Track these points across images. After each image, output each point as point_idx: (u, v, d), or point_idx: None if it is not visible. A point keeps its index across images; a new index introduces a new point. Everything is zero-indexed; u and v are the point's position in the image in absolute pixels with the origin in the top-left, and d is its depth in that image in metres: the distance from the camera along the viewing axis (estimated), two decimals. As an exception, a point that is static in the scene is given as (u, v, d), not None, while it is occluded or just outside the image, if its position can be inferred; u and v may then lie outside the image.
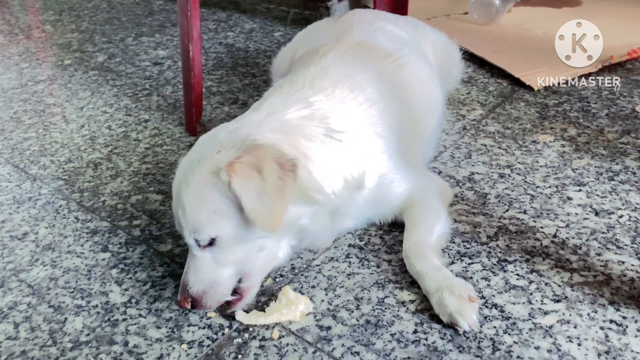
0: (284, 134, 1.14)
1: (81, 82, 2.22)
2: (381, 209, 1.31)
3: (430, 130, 1.52)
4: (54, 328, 1.14)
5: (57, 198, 1.54)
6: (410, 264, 1.18)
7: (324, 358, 1.04)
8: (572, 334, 1.05)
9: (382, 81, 1.36)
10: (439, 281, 1.12)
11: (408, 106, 1.41)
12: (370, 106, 1.28)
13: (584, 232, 1.30)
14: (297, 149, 1.13)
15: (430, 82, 1.57)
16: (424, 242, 1.22)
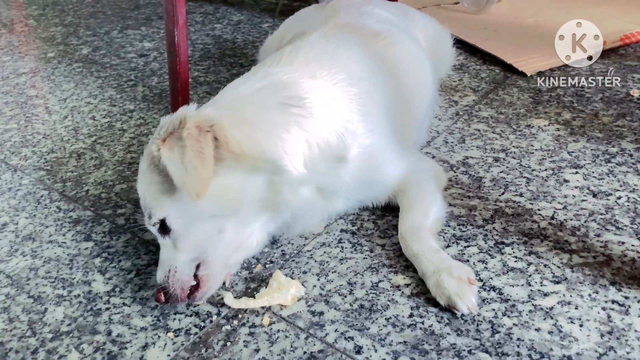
0: (231, 109, 1.09)
1: (65, 74, 2.17)
2: (373, 189, 1.27)
3: (422, 112, 1.49)
4: (33, 318, 1.09)
5: (38, 188, 1.48)
6: (407, 245, 1.14)
7: (317, 344, 1.00)
8: (574, 315, 1.02)
9: (369, 59, 1.32)
10: (437, 263, 1.08)
11: (398, 85, 1.37)
12: (353, 83, 1.22)
13: (582, 214, 1.26)
14: (238, 119, 1.06)
15: (420, 64, 1.53)
16: (421, 224, 1.18)
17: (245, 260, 1.19)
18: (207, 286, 1.08)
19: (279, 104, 1.11)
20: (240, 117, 1.07)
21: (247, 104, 1.11)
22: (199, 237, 1.07)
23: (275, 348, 0.99)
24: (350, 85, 1.21)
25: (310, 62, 1.22)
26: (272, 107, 1.11)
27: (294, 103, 1.12)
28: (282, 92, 1.14)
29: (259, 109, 1.11)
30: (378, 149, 1.22)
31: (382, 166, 1.24)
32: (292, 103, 1.12)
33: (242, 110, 1.10)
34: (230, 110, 1.09)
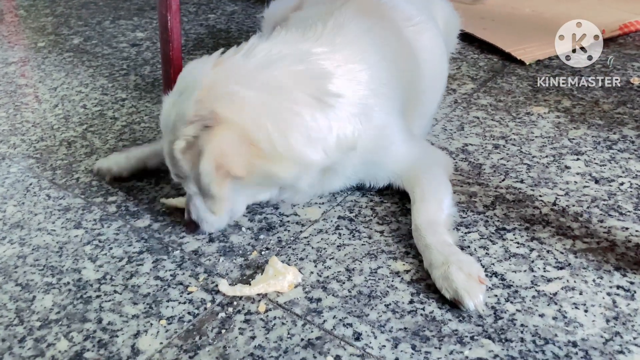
0: (264, 91, 1.05)
1: (55, 63, 2.12)
2: (376, 170, 1.24)
3: (435, 103, 1.48)
4: (21, 307, 1.05)
5: (27, 176, 1.44)
6: (421, 236, 1.10)
7: (314, 330, 0.96)
8: (578, 301, 0.99)
9: (400, 43, 1.30)
10: (447, 255, 1.04)
11: (420, 74, 1.35)
12: (383, 67, 1.20)
13: (585, 200, 1.24)
14: (273, 114, 1.04)
15: (440, 54, 1.51)
16: (436, 218, 1.14)
17: (238, 244, 1.16)
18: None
19: (315, 101, 1.07)
20: (273, 119, 1.04)
21: (282, 98, 1.06)
22: None
23: (272, 335, 0.96)
24: (382, 68, 1.20)
25: (350, 45, 1.18)
26: (307, 105, 1.07)
27: (329, 101, 1.09)
28: (320, 84, 1.09)
29: (292, 104, 1.06)
30: (391, 131, 1.21)
31: (390, 148, 1.22)
32: (327, 101, 1.09)
33: (275, 108, 1.05)
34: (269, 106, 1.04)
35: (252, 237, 1.19)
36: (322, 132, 1.08)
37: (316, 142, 1.08)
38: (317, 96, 1.09)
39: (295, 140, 1.06)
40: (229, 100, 1.03)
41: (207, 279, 1.09)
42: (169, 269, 1.12)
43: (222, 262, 1.13)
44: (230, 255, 1.14)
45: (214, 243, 1.18)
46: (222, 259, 1.13)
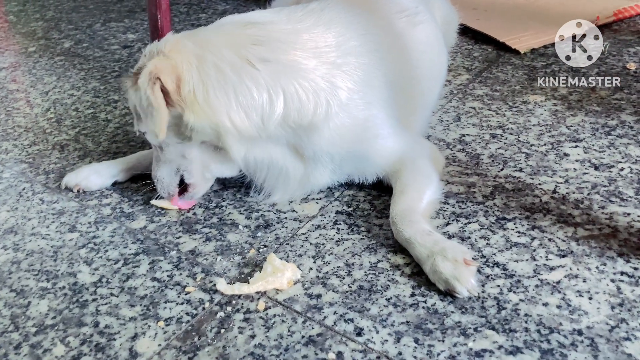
0: (202, 47, 1.10)
1: (46, 67, 2.10)
2: (361, 164, 1.23)
3: (433, 97, 1.45)
4: (15, 313, 1.03)
5: (20, 181, 1.42)
6: (398, 230, 1.09)
7: (315, 327, 0.95)
8: (582, 288, 0.98)
9: (387, 32, 1.28)
10: (430, 246, 1.03)
11: (412, 66, 1.33)
12: (362, 53, 1.18)
13: (585, 187, 1.22)
14: (203, 69, 1.09)
15: (437, 46, 1.49)
16: (413, 207, 1.12)
17: (236, 242, 1.14)
18: (193, 191, 1.24)
19: (242, 59, 1.09)
20: (205, 68, 1.09)
21: (210, 53, 1.10)
22: (171, 156, 1.19)
23: (272, 333, 0.94)
24: (361, 55, 1.17)
25: (323, 26, 1.17)
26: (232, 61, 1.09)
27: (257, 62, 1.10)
28: (254, 47, 1.11)
29: (219, 61, 1.09)
30: (373, 123, 1.18)
31: (373, 141, 1.19)
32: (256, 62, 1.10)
33: (209, 59, 1.09)
34: (200, 57, 1.09)
35: (249, 235, 1.17)
36: (255, 100, 1.09)
37: (248, 108, 1.09)
38: (246, 58, 1.10)
39: (215, 96, 1.08)
40: (174, 44, 1.12)
41: (205, 278, 1.07)
42: (166, 269, 1.10)
43: (220, 261, 1.11)
44: (227, 254, 1.13)
45: (210, 242, 1.16)
46: (219, 258, 1.12)
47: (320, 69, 1.13)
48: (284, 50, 1.12)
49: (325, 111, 1.12)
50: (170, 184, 1.23)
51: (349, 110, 1.14)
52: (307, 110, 1.11)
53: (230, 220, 1.22)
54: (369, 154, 1.20)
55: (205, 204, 1.28)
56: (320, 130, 1.14)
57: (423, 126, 1.45)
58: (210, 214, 1.25)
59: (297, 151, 1.19)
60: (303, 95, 1.10)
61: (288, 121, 1.12)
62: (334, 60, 1.14)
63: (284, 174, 1.21)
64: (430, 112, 1.51)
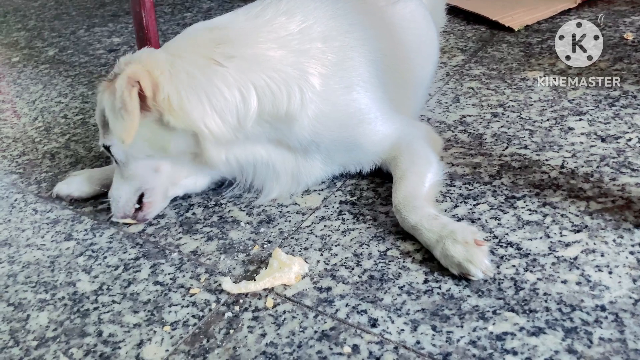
0: (170, 53, 1.10)
1: (31, 76, 2.06)
2: (353, 153, 1.19)
3: (426, 75, 1.41)
4: (15, 327, 0.99)
5: (11, 192, 1.38)
6: (403, 218, 1.05)
7: (327, 321, 0.91)
8: (601, 263, 0.94)
9: (361, 13, 1.23)
10: (438, 230, 0.99)
11: (397, 44, 1.29)
12: (333, 37, 1.14)
13: (593, 160, 1.19)
14: (174, 73, 1.07)
15: (424, 24, 1.45)
16: (415, 193, 1.09)
17: (238, 239, 1.10)
18: (147, 211, 1.19)
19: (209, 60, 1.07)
20: (177, 73, 1.06)
21: (179, 58, 1.08)
22: (138, 171, 1.15)
23: (283, 330, 0.91)
24: (330, 38, 1.13)
25: (281, 15, 1.14)
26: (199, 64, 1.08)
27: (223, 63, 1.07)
28: (219, 47, 1.09)
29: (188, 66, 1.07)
30: (356, 107, 1.14)
31: (361, 127, 1.15)
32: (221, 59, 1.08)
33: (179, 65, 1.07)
34: (171, 63, 1.08)
35: (252, 232, 1.13)
36: (227, 100, 1.06)
37: (223, 111, 1.07)
38: (212, 58, 1.08)
39: (188, 101, 1.06)
40: (146, 55, 1.11)
41: (209, 278, 1.03)
42: (168, 272, 1.06)
43: (223, 260, 1.07)
44: (231, 252, 1.09)
45: (212, 241, 1.12)
46: (222, 257, 1.08)
47: (287, 58, 1.09)
48: (248, 45, 1.09)
49: (299, 99, 1.08)
50: (127, 203, 1.18)
51: (327, 97, 1.10)
52: (280, 101, 1.08)
53: (232, 218, 1.18)
54: (359, 141, 1.16)
55: (205, 202, 1.24)
56: (298, 119, 1.10)
57: (418, 107, 1.41)
58: (210, 213, 1.21)
59: (282, 145, 1.15)
60: (274, 87, 1.07)
61: (264, 116, 1.09)
62: (299, 47, 1.10)
63: (272, 171, 1.18)
64: (426, 92, 1.47)
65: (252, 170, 1.19)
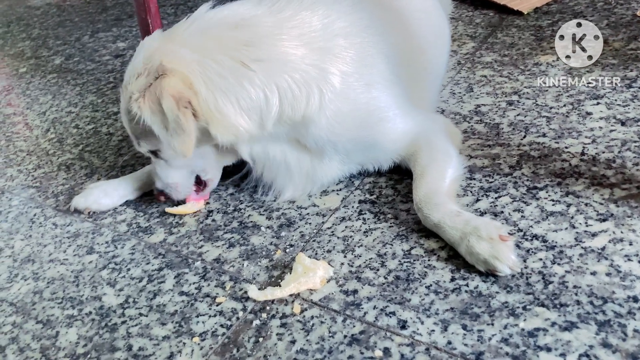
0: (200, 54, 1.06)
1: (40, 87, 2.06)
2: (372, 152, 1.18)
3: (439, 66, 1.39)
4: (45, 345, 0.99)
5: (30, 207, 1.38)
6: (425, 216, 1.04)
7: (356, 325, 0.91)
8: (630, 252, 0.93)
9: (377, 6, 1.22)
10: (461, 227, 0.98)
11: (412, 37, 1.27)
12: (353, 33, 1.12)
13: (614, 145, 1.17)
14: (208, 76, 1.05)
15: (436, 14, 1.43)
16: (436, 189, 1.07)
17: (260, 245, 1.10)
18: (211, 184, 1.26)
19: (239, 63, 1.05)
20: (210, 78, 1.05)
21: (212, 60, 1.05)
22: (188, 162, 1.18)
23: (312, 336, 0.90)
24: (351, 34, 1.11)
25: (304, 10, 1.11)
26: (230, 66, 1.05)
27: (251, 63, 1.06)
28: (247, 49, 1.06)
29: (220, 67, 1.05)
30: (376, 106, 1.12)
31: (380, 125, 1.14)
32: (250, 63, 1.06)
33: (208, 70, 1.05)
34: (202, 65, 1.05)
35: (273, 236, 1.13)
36: (253, 101, 1.06)
37: (249, 111, 1.06)
38: (241, 61, 1.06)
39: (223, 103, 1.06)
40: (172, 55, 1.07)
41: (234, 286, 1.03)
42: (193, 282, 1.06)
43: (247, 267, 1.07)
44: (254, 258, 1.09)
45: (234, 248, 1.12)
46: (246, 264, 1.08)
47: (310, 57, 1.07)
48: (274, 45, 1.07)
49: (318, 101, 1.07)
50: (187, 186, 1.23)
51: (346, 95, 1.09)
52: (299, 104, 1.07)
53: (252, 223, 1.18)
54: (378, 139, 1.15)
55: (223, 208, 1.24)
56: (315, 121, 1.09)
57: (434, 99, 1.39)
58: (229, 219, 1.20)
59: (300, 144, 1.15)
60: (295, 89, 1.06)
61: (283, 117, 1.08)
62: (322, 45, 1.09)
63: (285, 169, 1.18)
64: (440, 82, 1.45)
65: (263, 166, 1.19)
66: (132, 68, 1.11)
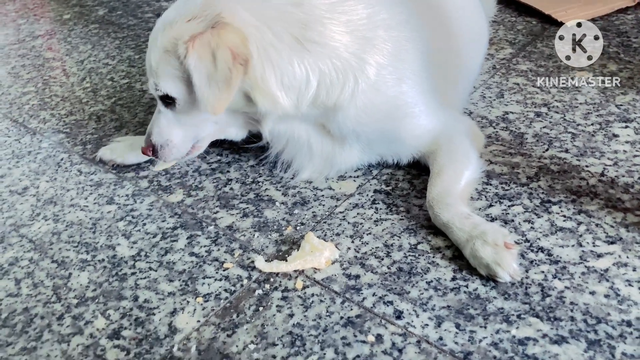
0: (259, 20, 1.05)
1: (81, 35, 2.10)
2: (393, 145, 1.20)
3: (474, 68, 1.40)
4: (58, 284, 1.04)
5: (58, 151, 1.43)
6: (435, 214, 1.06)
7: (354, 308, 0.94)
8: (632, 277, 0.94)
9: (418, 2, 1.23)
10: (469, 230, 1.00)
11: (449, 35, 1.28)
12: (392, 26, 1.13)
13: (636, 170, 1.17)
14: (262, 44, 1.04)
15: (477, 15, 1.43)
16: (450, 189, 1.09)
17: (273, 219, 1.13)
18: (194, 153, 1.24)
19: (295, 42, 1.06)
20: (265, 48, 1.05)
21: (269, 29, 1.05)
22: (200, 122, 1.17)
23: (310, 313, 0.94)
24: (391, 27, 1.12)
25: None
26: (287, 44, 1.06)
27: (307, 46, 1.06)
28: (304, 28, 1.06)
29: (278, 42, 1.05)
30: (404, 100, 1.14)
31: (405, 120, 1.15)
32: (305, 46, 1.06)
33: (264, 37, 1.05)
34: (260, 32, 1.04)
35: (286, 212, 1.16)
36: (296, 80, 1.07)
37: (288, 89, 1.07)
38: (299, 39, 1.06)
39: (268, 75, 1.06)
40: (232, 12, 1.05)
41: (243, 255, 1.07)
42: (204, 245, 1.10)
43: (257, 238, 1.10)
44: (265, 231, 1.12)
45: (248, 218, 1.15)
46: (257, 235, 1.11)
47: (353, 45, 1.09)
48: (326, 28, 1.08)
49: (352, 90, 1.09)
50: (183, 149, 1.20)
51: (378, 87, 1.11)
52: (335, 90, 1.09)
53: (267, 197, 1.21)
54: (401, 133, 1.17)
55: (242, 179, 1.27)
56: (345, 109, 1.11)
57: (464, 99, 1.40)
58: (247, 190, 1.24)
59: (325, 128, 1.17)
60: (334, 75, 1.08)
61: (317, 101, 1.10)
62: (365, 34, 1.10)
63: (307, 149, 1.20)
64: (472, 84, 1.46)
65: (285, 144, 1.22)
66: (185, 9, 1.07)
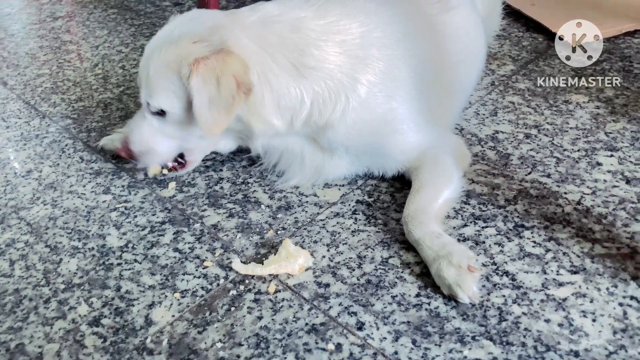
0: (261, 47, 1.12)
1: (99, 19, 2.16)
2: (381, 159, 1.24)
3: (470, 84, 1.43)
4: (48, 268, 1.12)
5: (64, 137, 1.50)
6: (409, 230, 1.10)
7: (319, 316, 0.99)
8: (587, 309, 0.98)
9: (414, 21, 1.26)
10: (437, 249, 1.04)
11: (444, 53, 1.31)
12: (387, 45, 1.17)
13: (612, 201, 1.20)
14: (262, 70, 1.11)
15: (475, 33, 1.46)
16: (426, 208, 1.13)
17: (256, 221, 1.19)
18: (188, 168, 1.30)
19: (293, 68, 1.12)
20: (265, 74, 1.12)
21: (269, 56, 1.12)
22: (187, 135, 1.21)
23: (278, 317, 0.99)
24: (384, 46, 1.17)
25: (346, 16, 1.17)
26: (286, 71, 1.13)
27: (303, 73, 1.13)
28: (301, 54, 1.12)
29: (278, 69, 1.12)
30: (393, 117, 1.18)
31: (392, 136, 1.20)
32: (302, 72, 1.13)
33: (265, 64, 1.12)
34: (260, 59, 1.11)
35: (270, 216, 1.21)
36: (292, 102, 1.13)
37: (284, 111, 1.14)
38: (296, 65, 1.12)
39: (268, 102, 1.13)
40: (236, 39, 1.11)
41: (223, 254, 1.12)
42: (188, 241, 1.16)
43: (239, 239, 1.16)
44: (247, 232, 1.17)
45: (233, 218, 1.21)
46: (239, 236, 1.17)
47: (346, 65, 1.14)
48: (321, 51, 1.14)
49: (343, 108, 1.14)
50: (165, 158, 1.27)
51: (368, 104, 1.15)
52: (327, 110, 1.15)
53: (254, 199, 1.26)
54: (388, 149, 1.21)
55: (233, 179, 1.32)
56: (335, 127, 1.17)
57: (456, 116, 1.43)
58: (236, 190, 1.29)
59: (315, 141, 1.23)
60: (327, 95, 1.14)
61: (310, 121, 1.16)
62: (358, 53, 1.15)
63: (300, 160, 1.26)
64: (466, 102, 1.49)
65: (279, 156, 1.27)
66: (191, 30, 1.13)
